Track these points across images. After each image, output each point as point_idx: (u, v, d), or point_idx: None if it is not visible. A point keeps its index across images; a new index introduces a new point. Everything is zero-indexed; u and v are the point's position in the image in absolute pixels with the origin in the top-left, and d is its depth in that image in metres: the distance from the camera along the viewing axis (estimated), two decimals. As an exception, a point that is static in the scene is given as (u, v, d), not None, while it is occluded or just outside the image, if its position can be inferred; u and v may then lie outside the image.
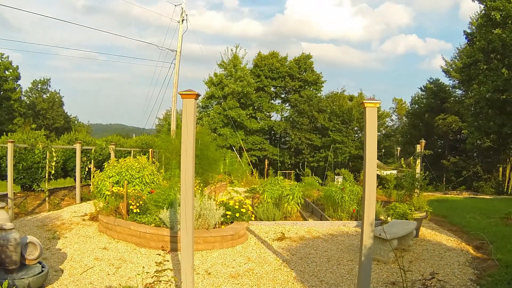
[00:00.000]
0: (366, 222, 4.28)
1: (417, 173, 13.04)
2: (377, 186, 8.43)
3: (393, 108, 55.10)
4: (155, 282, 4.39)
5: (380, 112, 42.08)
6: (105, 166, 10.49)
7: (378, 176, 13.60)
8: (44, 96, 61.29)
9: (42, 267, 5.33)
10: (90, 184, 13.83)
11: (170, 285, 4.58)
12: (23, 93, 55.37)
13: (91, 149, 14.97)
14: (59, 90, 64.38)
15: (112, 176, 9.81)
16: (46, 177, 12.08)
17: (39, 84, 61.09)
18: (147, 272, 5.08)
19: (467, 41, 31.17)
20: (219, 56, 46.62)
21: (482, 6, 27.37)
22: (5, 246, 4.93)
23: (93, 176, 10.72)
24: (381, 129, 43.73)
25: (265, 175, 25.85)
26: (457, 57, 40.23)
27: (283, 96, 47.09)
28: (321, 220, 10.68)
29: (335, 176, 16.93)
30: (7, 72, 49.86)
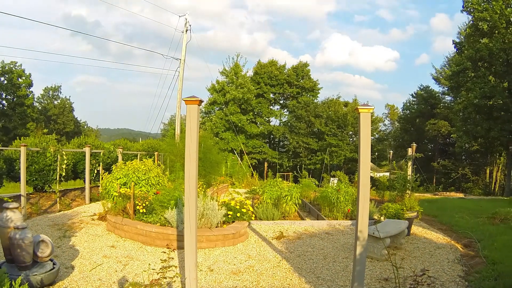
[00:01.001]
0: (360, 222, 4.29)
1: (409, 175, 13.04)
2: (371, 187, 8.42)
3: (386, 113, 55.21)
4: (161, 278, 4.39)
5: (374, 117, 42.10)
6: (113, 168, 10.50)
7: (371, 177, 13.60)
8: (55, 102, 61.37)
9: (54, 264, 5.34)
10: (99, 186, 13.84)
11: (175, 281, 4.58)
12: (35, 99, 55.42)
13: (100, 153, 14.97)
14: (70, 96, 64.93)
15: (120, 178, 9.81)
16: (57, 179, 12.10)
17: (51, 91, 61.19)
18: (153, 269, 5.08)
19: (456, 50, 31.30)
20: (222, 63, 46.74)
21: (470, 17, 27.50)
22: (18, 244, 4.94)
23: (102, 178, 10.74)
24: (374, 133, 43.81)
25: (265, 177, 25.82)
26: (447, 65, 40.34)
27: (281, 102, 47.20)
28: (317, 220, 10.68)
29: (331, 178, 16.90)
30: (20, 80, 49.93)
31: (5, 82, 48.68)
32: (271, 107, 46.23)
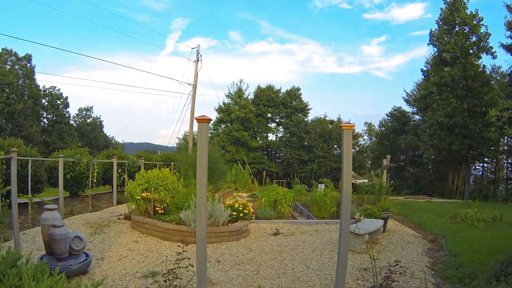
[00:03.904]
0: (344, 221, 4.30)
1: (384, 181, 13.06)
2: (352, 192, 8.42)
3: (365, 129, 55.27)
4: (176, 268, 4.40)
5: (355, 133, 42.15)
6: (136, 176, 10.52)
7: (353, 184, 13.62)
8: (88, 120, 61.48)
9: (86, 256, 5.34)
10: (124, 190, 13.84)
11: (188, 270, 4.58)
12: (71, 118, 55.57)
13: (125, 163, 15.01)
14: (100, 115, 64.68)
15: (142, 184, 9.82)
16: (90, 184, 12.14)
17: (84, 111, 61.32)
18: (169, 260, 5.09)
19: (423, 77, 31.55)
20: (227, 87, 46.98)
21: (435, 49, 27.79)
22: (57, 239, 4.96)
23: (127, 184, 10.74)
24: (355, 146, 43.79)
25: (263, 183, 25.76)
26: (416, 90, 40.53)
27: (277, 120, 47.27)
28: (308, 219, 10.66)
29: (319, 184, 16.85)
30: (58, 102, 50.23)
31: (46, 103, 48.98)
32: (269, 124, 46.29)
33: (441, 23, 27.08)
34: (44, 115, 49.42)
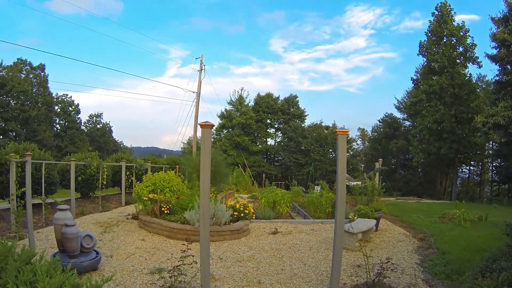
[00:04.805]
0: (338, 220, 4.31)
1: (376, 183, 13.06)
2: (346, 193, 8.39)
3: (358, 135, 55.27)
4: (181, 265, 4.41)
5: (349, 138, 42.11)
6: (144, 178, 10.53)
7: (347, 186, 13.62)
8: (98, 126, 61.48)
9: (96, 253, 5.35)
10: (132, 192, 13.85)
11: (192, 267, 4.58)
12: (82, 124, 55.62)
13: (133, 166, 15.03)
14: (109, 121, 64.61)
15: (149, 186, 9.84)
16: (99, 186, 12.14)
17: (94, 117, 61.36)
18: (174, 258, 5.10)
19: (413, 85, 31.66)
20: (229, 95, 47.11)
21: (425, 59, 27.88)
22: (68, 238, 4.97)
23: (135, 186, 10.75)
24: (349, 150, 43.67)
25: (263, 185, 25.80)
26: (406, 97, 40.59)
27: (276, 126, 47.21)
28: (304, 219, 10.65)
29: (315, 186, 16.84)
30: (70, 108, 50.35)
31: (59, 110, 49.09)
32: (268, 130, 46.24)
33: (429, 34, 27.20)
34: (57, 121, 49.55)
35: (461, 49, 26.15)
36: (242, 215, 8.48)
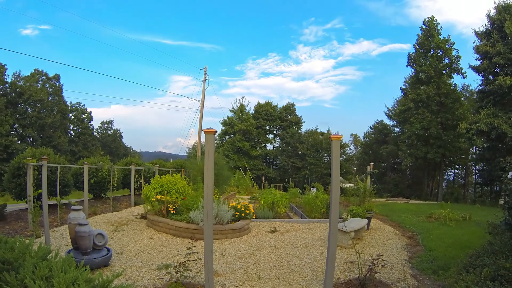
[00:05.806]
0: (333, 220, 4.32)
1: (368, 185, 13.07)
2: (340, 195, 8.35)
3: (351, 140, 55.24)
4: (186, 261, 4.42)
5: (342, 143, 42.15)
6: (152, 180, 10.54)
7: (340, 188, 13.62)
8: (109, 132, 61.48)
9: (108, 250, 5.35)
10: (141, 193, 13.83)
11: (196, 263, 4.59)
12: (94, 130, 55.64)
13: (142, 169, 15.04)
14: (120, 127, 64.61)
15: (156, 187, 9.85)
16: (111, 188, 12.14)
17: (106, 124, 61.40)
18: (180, 254, 5.11)
19: (402, 94, 31.72)
20: (231, 103, 47.19)
21: (413, 70, 28.00)
22: (82, 236, 4.99)
23: (143, 188, 10.74)
24: (343, 155, 43.69)
25: (262, 187, 25.69)
26: (395, 105, 40.66)
27: (275, 132, 47.28)
28: (301, 218, 10.64)
29: (311, 188, 16.84)
30: (83, 116, 50.43)
31: (73, 117, 49.16)
32: (267, 136, 46.33)
33: (417, 47, 27.33)
34: (71, 128, 49.53)
35: (446, 61, 26.29)
36: (243, 215, 8.48)
